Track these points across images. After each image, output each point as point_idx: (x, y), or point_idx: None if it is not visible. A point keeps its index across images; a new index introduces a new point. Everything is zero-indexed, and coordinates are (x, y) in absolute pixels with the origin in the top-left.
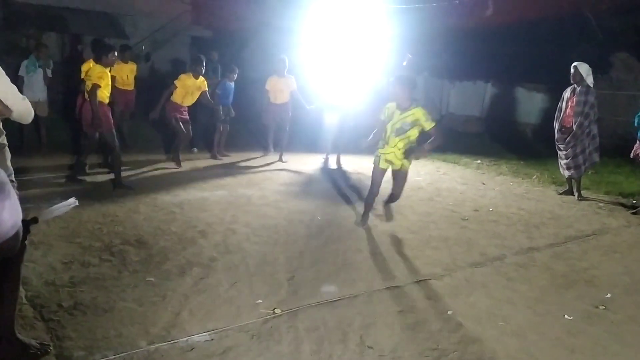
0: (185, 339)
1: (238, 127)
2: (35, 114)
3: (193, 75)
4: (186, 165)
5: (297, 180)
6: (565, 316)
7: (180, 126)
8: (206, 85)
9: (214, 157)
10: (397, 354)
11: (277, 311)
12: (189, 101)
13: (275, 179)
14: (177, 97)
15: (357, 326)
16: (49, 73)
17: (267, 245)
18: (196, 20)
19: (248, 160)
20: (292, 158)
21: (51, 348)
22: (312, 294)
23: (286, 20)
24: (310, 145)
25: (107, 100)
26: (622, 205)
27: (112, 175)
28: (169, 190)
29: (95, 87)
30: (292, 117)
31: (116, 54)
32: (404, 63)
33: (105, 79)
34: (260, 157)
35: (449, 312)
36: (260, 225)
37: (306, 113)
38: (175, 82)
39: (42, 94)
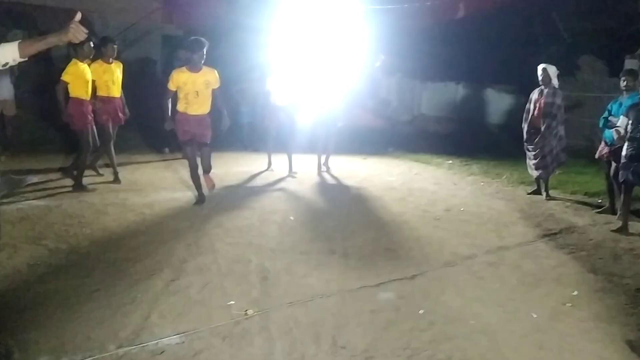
0: (155, 342)
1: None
2: (2, 113)
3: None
4: (159, 165)
5: (269, 181)
6: (534, 314)
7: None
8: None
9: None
10: (370, 354)
11: (250, 312)
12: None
13: (247, 178)
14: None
15: (329, 326)
16: (16, 71)
17: (239, 246)
18: (167, 19)
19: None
20: (264, 158)
21: (15, 352)
22: (285, 295)
23: (259, 20)
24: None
25: (85, 97)
26: (588, 204)
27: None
28: (139, 191)
29: (62, 83)
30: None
31: (92, 45)
32: (377, 64)
33: (82, 75)
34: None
35: (421, 312)
36: (232, 226)
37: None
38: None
39: (8, 92)
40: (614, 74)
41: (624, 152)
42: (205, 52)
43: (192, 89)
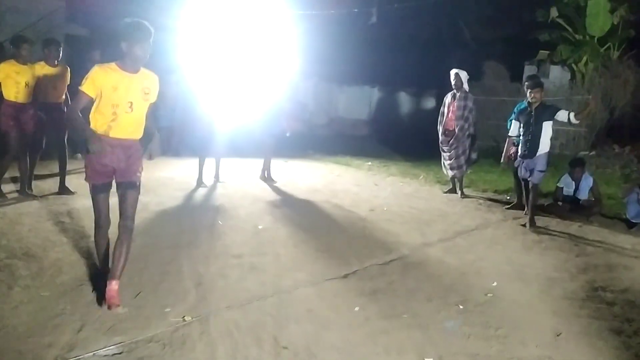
0: (90, 354)
1: None
2: None
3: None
4: (73, 174)
5: (193, 186)
6: (460, 306)
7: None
8: None
9: None
10: (312, 351)
11: (187, 318)
12: None
13: (170, 184)
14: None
15: (270, 328)
16: None
17: (169, 251)
18: (71, 18)
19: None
20: (186, 163)
21: None
22: (222, 299)
23: (176, 20)
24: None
25: (13, 99)
26: (498, 201)
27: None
28: (55, 199)
29: None
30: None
31: (25, 46)
32: (293, 68)
33: (14, 75)
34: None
35: (357, 309)
36: (161, 232)
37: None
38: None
39: None
40: (515, 79)
41: (518, 152)
42: (150, 44)
43: (125, 99)
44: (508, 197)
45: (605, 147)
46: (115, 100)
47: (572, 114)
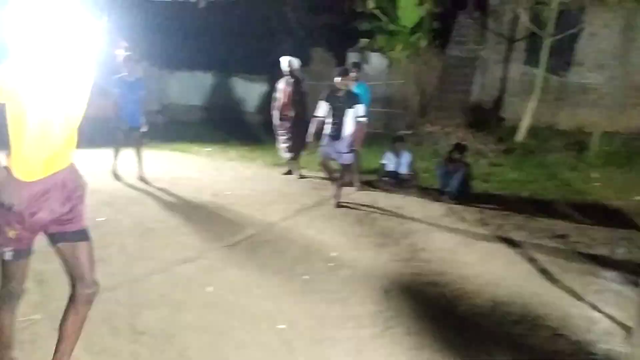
0: None
1: None
2: None
3: None
4: None
5: None
6: (306, 276)
7: None
8: None
9: None
10: (169, 333)
11: (36, 317)
12: None
13: None
14: None
15: (124, 316)
16: None
17: None
18: None
19: None
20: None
21: None
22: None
23: None
24: None
25: None
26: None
27: None
28: None
29: None
30: None
31: None
32: (119, 52)
33: None
34: None
35: (209, 289)
36: None
37: None
38: None
39: None
40: (341, 65)
41: (327, 133)
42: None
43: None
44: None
45: (419, 126)
46: (30, 109)
47: (359, 114)
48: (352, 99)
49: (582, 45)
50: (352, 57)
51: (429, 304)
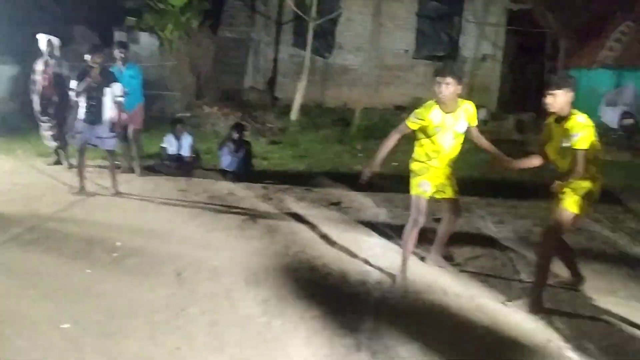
0: None
1: None
2: None
3: None
4: None
5: None
6: (88, 270)
7: None
8: None
9: None
10: None
11: None
12: None
13: None
14: None
15: None
16: None
17: None
18: None
19: None
20: None
21: None
22: None
23: None
24: None
25: None
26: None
27: None
28: None
29: None
30: None
31: None
32: None
33: None
34: None
35: None
36: None
37: None
38: None
39: None
40: (108, 44)
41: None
42: None
43: None
44: (119, 163)
45: (197, 108)
46: None
47: (117, 94)
48: (107, 78)
49: (341, 29)
50: (118, 36)
51: (224, 282)
